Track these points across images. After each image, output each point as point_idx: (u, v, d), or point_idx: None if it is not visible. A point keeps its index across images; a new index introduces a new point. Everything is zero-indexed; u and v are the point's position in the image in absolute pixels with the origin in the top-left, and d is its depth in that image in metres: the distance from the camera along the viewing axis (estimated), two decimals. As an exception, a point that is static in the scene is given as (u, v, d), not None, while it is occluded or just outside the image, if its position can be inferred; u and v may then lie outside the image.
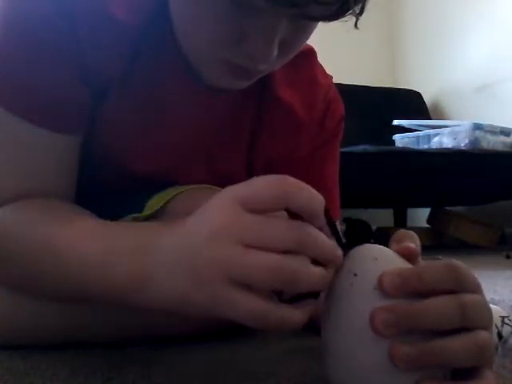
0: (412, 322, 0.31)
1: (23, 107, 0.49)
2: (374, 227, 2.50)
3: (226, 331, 0.56)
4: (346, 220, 2.44)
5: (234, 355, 0.51)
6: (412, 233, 0.38)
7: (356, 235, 2.36)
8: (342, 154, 0.72)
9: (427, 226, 2.35)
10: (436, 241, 2.31)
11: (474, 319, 0.32)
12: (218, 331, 0.56)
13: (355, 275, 0.34)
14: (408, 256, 0.35)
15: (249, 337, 0.58)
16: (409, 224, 2.63)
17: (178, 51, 0.54)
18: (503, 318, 0.54)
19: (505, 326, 0.54)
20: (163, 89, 0.56)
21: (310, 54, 0.67)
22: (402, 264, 0.34)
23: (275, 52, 0.46)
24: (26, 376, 0.45)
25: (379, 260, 0.34)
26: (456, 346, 0.31)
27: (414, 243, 0.36)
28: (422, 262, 0.37)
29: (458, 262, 0.33)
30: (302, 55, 0.66)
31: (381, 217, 2.60)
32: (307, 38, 0.50)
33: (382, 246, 0.36)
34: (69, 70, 0.50)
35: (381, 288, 0.32)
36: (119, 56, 0.52)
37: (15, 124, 0.49)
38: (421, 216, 2.49)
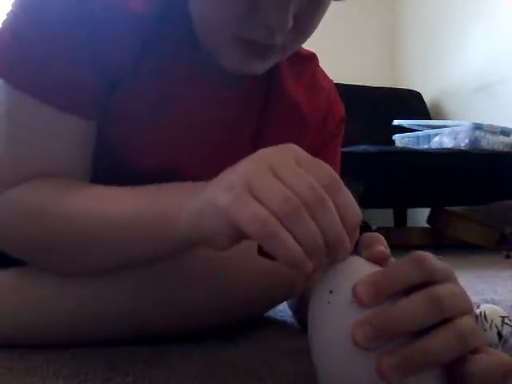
0: (391, 329, 0.31)
1: (47, 93, 0.50)
2: (374, 227, 2.50)
3: (227, 331, 0.56)
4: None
5: (234, 355, 0.51)
6: (377, 235, 0.38)
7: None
8: (343, 153, 0.72)
9: (427, 225, 2.35)
10: (436, 241, 2.31)
11: (452, 308, 0.32)
12: (218, 331, 0.56)
13: (331, 292, 0.34)
14: (380, 261, 0.35)
15: (250, 337, 0.58)
16: (409, 224, 2.63)
17: (191, 42, 0.55)
18: (503, 317, 0.54)
19: (505, 325, 0.54)
20: (172, 81, 0.56)
21: (313, 59, 0.69)
22: (374, 271, 0.34)
23: (290, 21, 0.46)
24: (26, 376, 0.45)
25: (353, 273, 0.34)
26: (437, 342, 0.31)
27: (382, 246, 0.36)
28: (391, 261, 0.36)
29: (424, 253, 0.33)
30: (305, 60, 0.67)
31: (381, 217, 2.60)
32: (320, 18, 0.51)
33: (353, 257, 0.36)
34: (88, 58, 0.51)
35: (356, 301, 0.32)
36: (133, 48, 0.53)
37: (38, 108, 0.50)
38: (421, 216, 2.49)
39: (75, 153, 0.53)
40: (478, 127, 2.00)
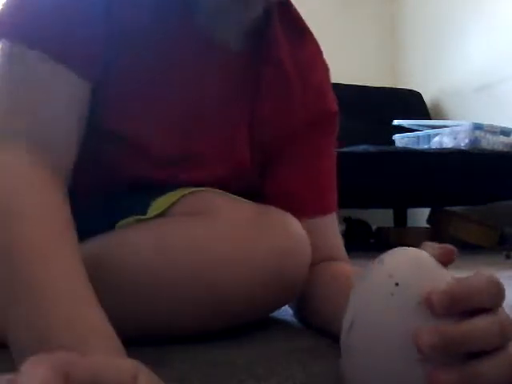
0: (458, 346, 0.31)
1: (45, 43, 0.49)
2: (374, 227, 2.50)
3: (228, 331, 0.56)
4: (346, 220, 2.44)
5: (235, 355, 0.51)
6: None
7: (356, 235, 2.36)
8: (342, 153, 0.72)
9: (427, 225, 2.35)
10: (436, 241, 2.29)
11: (508, 336, 0.32)
12: (219, 331, 0.56)
13: (397, 285, 0.32)
14: (448, 260, 0.35)
15: (250, 337, 0.58)
16: (409, 224, 2.63)
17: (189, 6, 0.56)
18: (503, 317, 0.54)
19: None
20: (176, 47, 0.57)
21: (317, 43, 0.69)
22: (443, 274, 0.34)
23: None
24: (27, 376, 0.45)
25: (422, 269, 0.33)
26: (493, 369, 0.31)
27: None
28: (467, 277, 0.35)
29: (497, 278, 0.33)
30: (312, 36, 0.68)
31: (381, 217, 2.60)
32: None
33: (421, 251, 0.35)
34: (99, 17, 0.51)
35: (428, 306, 0.31)
36: (144, 11, 0.54)
37: (36, 62, 0.49)
38: (421, 216, 2.49)
39: (66, 111, 0.51)
40: (477, 127, 2.00)
